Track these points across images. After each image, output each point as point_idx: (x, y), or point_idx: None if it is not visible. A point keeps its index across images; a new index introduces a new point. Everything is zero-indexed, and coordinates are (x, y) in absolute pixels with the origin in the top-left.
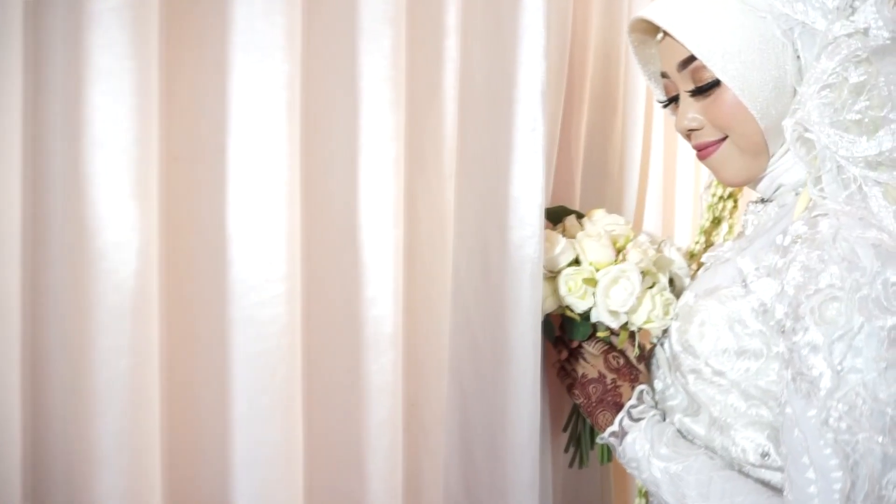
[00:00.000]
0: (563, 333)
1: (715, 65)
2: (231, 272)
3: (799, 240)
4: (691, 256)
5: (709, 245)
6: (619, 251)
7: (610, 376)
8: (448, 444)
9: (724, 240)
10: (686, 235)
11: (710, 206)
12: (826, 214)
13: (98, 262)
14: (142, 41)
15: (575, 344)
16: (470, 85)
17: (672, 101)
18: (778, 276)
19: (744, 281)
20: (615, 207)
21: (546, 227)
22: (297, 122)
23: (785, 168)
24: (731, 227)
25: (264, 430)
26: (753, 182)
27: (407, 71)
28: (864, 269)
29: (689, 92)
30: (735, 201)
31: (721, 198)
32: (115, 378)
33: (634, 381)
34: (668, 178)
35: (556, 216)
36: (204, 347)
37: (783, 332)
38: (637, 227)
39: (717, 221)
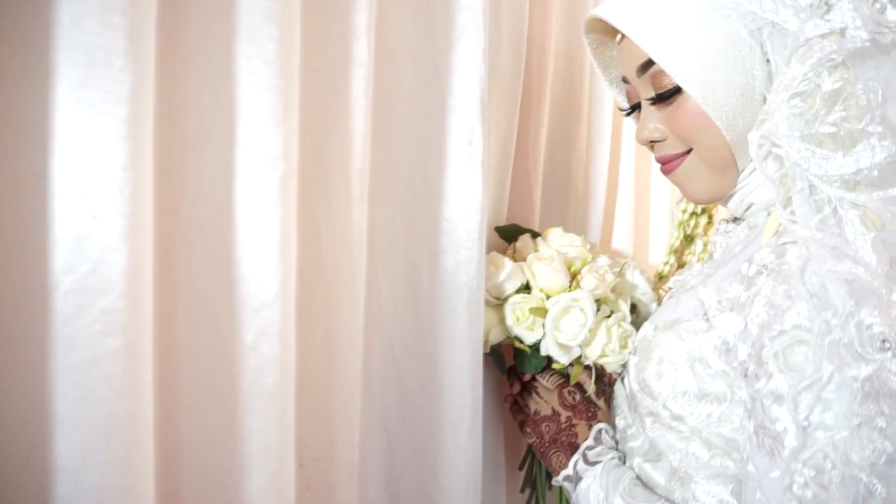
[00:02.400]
0: (517, 364)
1: (673, 69)
2: (53, 324)
3: (765, 270)
4: (660, 279)
5: (680, 266)
6: (574, 276)
7: (564, 414)
8: (366, 501)
9: (699, 260)
10: (661, 254)
11: (680, 224)
12: (795, 242)
13: None
14: None
15: (527, 377)
16: (395, 93)
17: (635, 108)
18: (741, 311)
19: (705, 314)
20: (580, 224)
21: (500, 248)
22: (148, 140)
23: (756, 185)
24: (705, 245)
25: None
26: (724, 199)
27: (301, 79)
28: (836, 308)
29: (650, 100)
30: (710, 217)
31: (693, 214)
32: None
33: (592, 419)
34: (640, 192)
35: (510, 235)
36: (18, 414)
37: (746, 376)
38: (605, 245)
39: (689, 239)
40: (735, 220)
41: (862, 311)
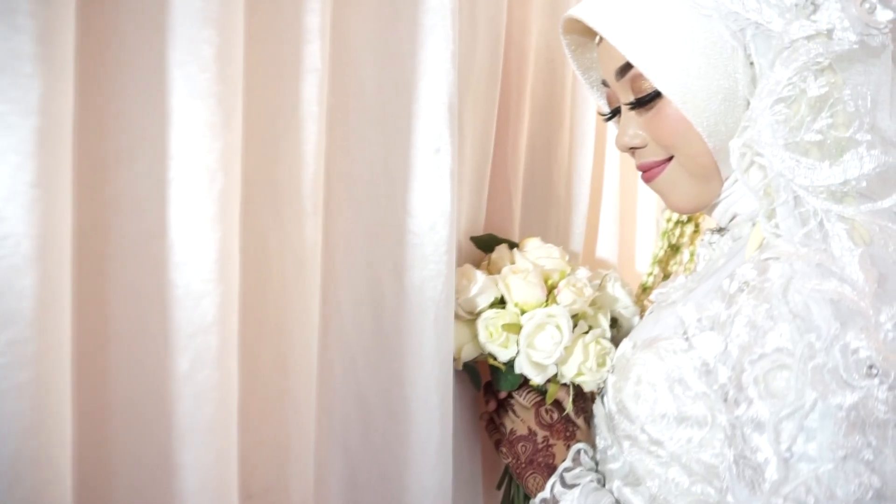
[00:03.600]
0: (492, 381)
1: (651, 72)
2: None
3: (746, 287)
4: (644, 290)
5: (666, 277)
6: (551, 289)
7: (541, 434)
8: None
9: (685, 271)
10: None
11: (664, 233)
12: (778, 258)
13: None
14: None
15: (503, 394)
16: (354, 99)
17: (616, 113)
18: (722, 330)
19: (685, 333)
20: (562, 233)
21: (477, 259)
22: (66, 154)
23: (740, 194)
24: (692, 255)
25: None
26: (708, 208)
27: (244, 85)
28: (820, 330)
29: (629, 104)
30: (696, 226)
31: (679, 222)
32: None
33: (570, 438)
34: (625, 198)
35: (487, 245)
36: None
37: (726, 400)
38: (589, 254)
39: (674, 249)
40: (720, 230)
41: (848, 334)
